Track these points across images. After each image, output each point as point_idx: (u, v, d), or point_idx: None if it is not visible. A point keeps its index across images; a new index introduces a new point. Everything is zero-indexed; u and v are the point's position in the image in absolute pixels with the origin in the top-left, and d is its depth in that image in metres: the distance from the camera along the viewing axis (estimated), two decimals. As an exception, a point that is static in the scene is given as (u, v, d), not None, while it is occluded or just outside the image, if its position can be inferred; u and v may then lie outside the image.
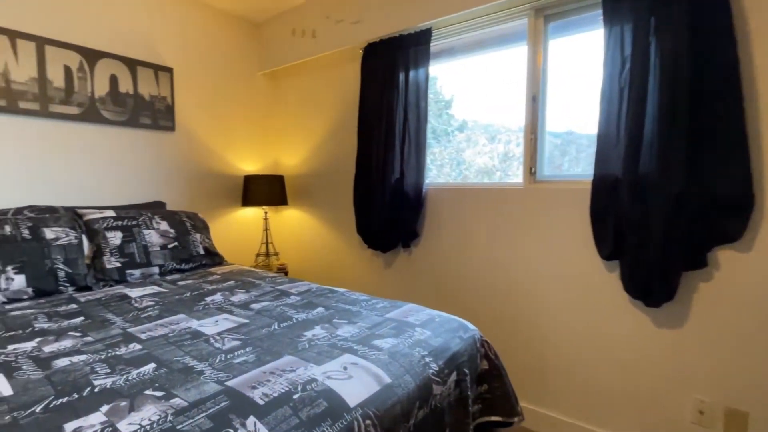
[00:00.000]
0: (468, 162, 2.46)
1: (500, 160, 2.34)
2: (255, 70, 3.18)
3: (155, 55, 2.58)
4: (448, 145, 2.55)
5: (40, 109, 2.12)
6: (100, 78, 2.33)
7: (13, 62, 2.03)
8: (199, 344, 1.23)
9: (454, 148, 2.53)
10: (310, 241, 3.15)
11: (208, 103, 2.88)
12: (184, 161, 2.76)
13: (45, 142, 2.16)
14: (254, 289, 1.88)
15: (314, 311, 1.55)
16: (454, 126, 2.52)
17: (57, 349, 1.20)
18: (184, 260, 2.28)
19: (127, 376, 1.01)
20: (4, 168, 2.03)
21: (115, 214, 2.16)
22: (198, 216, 2.55)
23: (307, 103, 3.09)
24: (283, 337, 1.28)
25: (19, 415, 0.83)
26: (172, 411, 0.84)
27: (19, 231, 1.81)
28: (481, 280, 2.22)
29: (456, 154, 2.52)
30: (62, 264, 1.85)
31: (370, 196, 2.56)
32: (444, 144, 2.56)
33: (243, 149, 3.12)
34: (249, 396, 0.90)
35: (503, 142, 2.33)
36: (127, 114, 2.45)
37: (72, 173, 2.26)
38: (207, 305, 1.64)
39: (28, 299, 1.73)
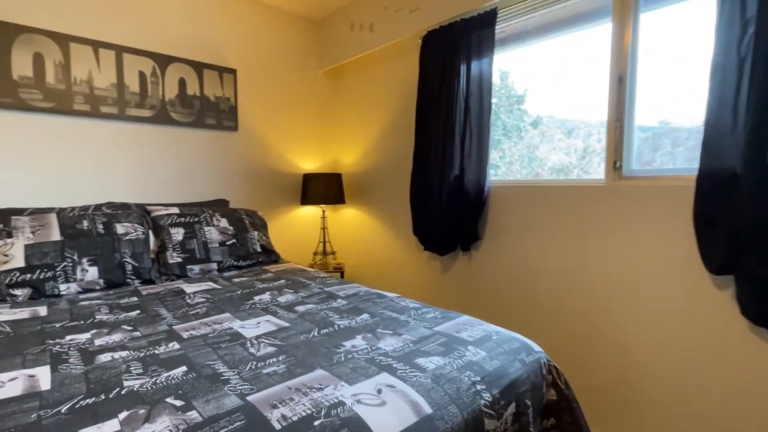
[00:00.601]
0: (541, 159, 2.18)
1: (579, 156, 2.04)
2: (316, 68, 3.17)
3: (220, 57, 2.67)
4: (519, 141, 2.29)
5: (118, 112, 2.28)
6: (170, 81, 2.45)
7: (96, 70, 2.20)
8: (234, 348, 1.18)
9: (525, 144, 2.26)
10: (366, 241, 3.06)
11: (270, 102, 2.93)
12: (246, 160, 2.83)
13: (122, 144, 2.32)
14: (303, 290, 1.82)
15: (358, 318, 1.44)
16: (527, 122, 2.25)
17: (106, 342, 1.22)
18: (242, 257, 2.31)
19: (156, 378, 0.98)
20: (87, 168, 2.21)
21: (179, 211, 2.25)
22: (257, 214, 2.58)
23: (366, 99, 3.01)
24: (319, 347, 1.18)
25: (45, 414, 0.82)
26: (184, 427, 0.77)
27: (94, 226, 1.94)
28: (551, 292, 1.95)
29: (528, 151, 2.25)
30: (130, 258, 1.95)
31: (427, 194, 2.40)
32: (515, 140, 2.31)
33: (303, 148, 3.13)
34: (266, 417, 0.80)
35: (581, 137, 2.03)
36: (194, 115, 2.56)
37: (145, 172, 2.40)
38: (254, 305, 1.61)
39: (99, 290, 1.85)
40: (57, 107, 2.10)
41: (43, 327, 1.33)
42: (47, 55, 2.06)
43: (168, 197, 2.49)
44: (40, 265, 1.73)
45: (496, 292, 2.19)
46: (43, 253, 1.76)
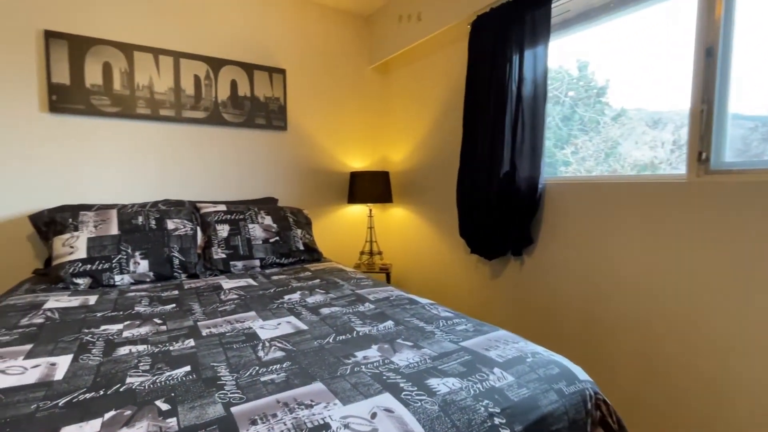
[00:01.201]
0: (621, 154, 1.89)
1: (668, 150, 1.72)
2: (365, 64, 3.12)
3: (270, 58, 2.72)
4: (595, 135, 2.01)
5: (175, 114, 2.42)
6: (223, 84, 2.55)
7: (156, 76, 2.35)
8: (244, 350, 1.13)
9: (603, 138, 1.97)
10: (413, 241, 2.94)
11: (318, 101, 2.93)
12: (294, 159, 2.86)
13: (178, 144, 2.45)
14: (334, 291, 1.76)
15: (381, 325, 1.33)
16: (609, 115, 1.97)
17: (132, 335, 1.25)
18: (284, 254, 2.32)
19: (158, 377, 0.96)
20: (147, 167, 2.37)
21: (226, 208, 2.32)
22: (302, 212, 2.59)
23: (414, 93, 2.89)
24: (329, 355, 1.09)
25: (42, 406, 0.83)
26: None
27: (148, 221, 2.06)
28: (617, 310, 1.67)
29: (606, 146, 1.96)
30: (177, 252, 2.04)
31: (474, 192, 2.21)
32: (591, 134, 2.03)
33: (351, 146, 3.10)
34: (242, 434, 0.73)
35: (670, 130, 1.71)
36: (244, 116, 2.64)
37: (199, 171, 2.52)
38: (282, 304, 1.58)
39: (149, 282, 1.95)
40: (122, 111, 2.27)
41: (86, 316, 1.42)
42: (115, 63, 2.24)
43: (221, 195, 2.60)
44: (99, 257, 1.87)
45: (550, 305, 1.95)
46: (102, 246, 1.90)
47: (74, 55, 2.14)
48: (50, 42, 2.09)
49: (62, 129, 2.15)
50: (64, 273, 1.79)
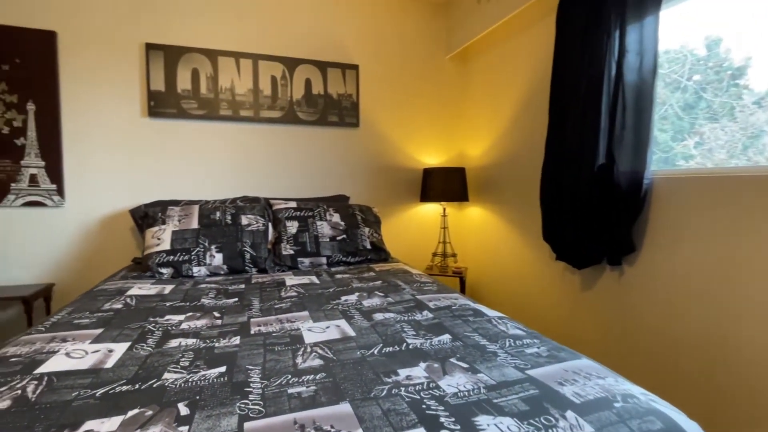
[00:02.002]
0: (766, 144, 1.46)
1: None
2: (442, 54, 2.94)
3: (343, 54, 2.70)
4: (729, 123, 1.60)
5: (254, 115, 2.52)
6: (298, 83, 2.59)
7: (237, 78, 2.48)
8: (284, 354, 1.07)
9: (740, 126, 1.56)
10: (491, 243, 2.69)
11: (392, 96, 2.84)
12: (366, 156, 2.80)
13: (256, 143, 2.55)
14: (393, 294, 1.63)
15: (436, 339, 1.17)
16: (748, 100, 1.55)
17: (188, 327, 1.27)
18: (351, 253, 2.27)
19: (192, 376, 0.94)
20: (228, 165, 2.51)
21: (296, 205, 2.34)
22: (371, 210, 2.52)
23: (494, 81, 2.63)
24: (369, 370, 0.97)
25: (83, 394, 0.85)
26: (162, 446, 0.67)
27: (224, 217, 2.17)
28: (748, 335, 1.28)
29: (743, 134, 1.54)
30: (249, 247, 2.11)
31: (561, 189, 1.91)
32: (723, 123, 1.62)
33: (426, 141, 2.95)
34: (244, 458, 0.64)
35: None
36: (318, 113, 2.65)
37: (274, 168, 2.60)
38: (337, 305, 1.50)
39: (223, 275, 2.04)
40: (208, 114, 2.43)
41: (156, 305, 1.50)
42: (202, 69, 2.40)
43: (295, 192, 2.65)
44: (180, 249, 2.01)
45: (656, 329, 1.58)
46: (183, 239, 2.04)
47: (168, 64, 2.34)
48: (150, 53, 2.31)
49: (158, 131, 2.37)
50: (152, 263, 1.95)
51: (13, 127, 2.15)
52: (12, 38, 2.12)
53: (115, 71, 2.28)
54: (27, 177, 2.18)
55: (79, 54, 2.23)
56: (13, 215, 2.18)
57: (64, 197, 2.24)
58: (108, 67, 2.27)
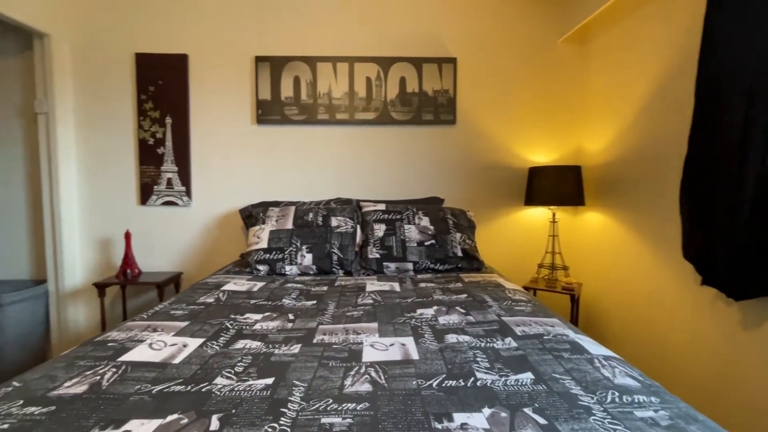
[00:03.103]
0: None
1: None
2: (553, 37, 2.56)
3: (440, 47, 2.55)
4: None
5: (349, 117, 2.54)
6: (392, 82, 2.53)
7: (334, 83, 2.53)
8: (336, 372, 0.99)
9: None
10: (613, 257, 2.24)
11: (494, 88, 2.58)
12: (463, 155, 2.60)
13: (350, 145, 2.58)
14: (476, 312, 1.44)
15: (514, 377, 0.96)
16: None
17: (260, 328, 1.30)
18: (439, 260, 2.12)
19: (239, 385, 0.92)
20: (325, 167, 2.58)
21: (384, 208, 2.28)
22: (465, 214, 2.33)
23: (619, 63, 2.18)
24: (418, 410, 0.82)
25: (143, 389, 0.89)
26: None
27: (316, 218, 2.22)
28: None
29: None
30: (337, 249, 2.12)
31: (713, 192, 1.46)
32: None
33: (534, 136, 2.61)
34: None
35: None
36: (412, 112, 2.55)
37: (367, 170, 2.59)
38: (410, 320, 1.38)
39: (312, 275, 2.09)
40: (307, 119, 2.54)
41: (242, 302, 1.58)
42: (302, 76, 2.52)
43: (387, 194, 2.60)
44: (275, 248, 2.12)
45: None
46: (279, 238, 2.15)
47: (274, 74, 2.51)
48: (258, 65, 2.51)
49: (264, 137, 2.56)
50: (251, 259, 2.09)
51: (156, 138, 2.55)
52: (156, 63, 2.51)
53: (230, 84, 2.53)
54: (165, 180, 2.56)
55: (203, 71, 2.53)
56: (155, 212, 2.58)
57: (191, 198, 2.58)
58: (225, 81, 2.53)
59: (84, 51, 2.51)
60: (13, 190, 2.59)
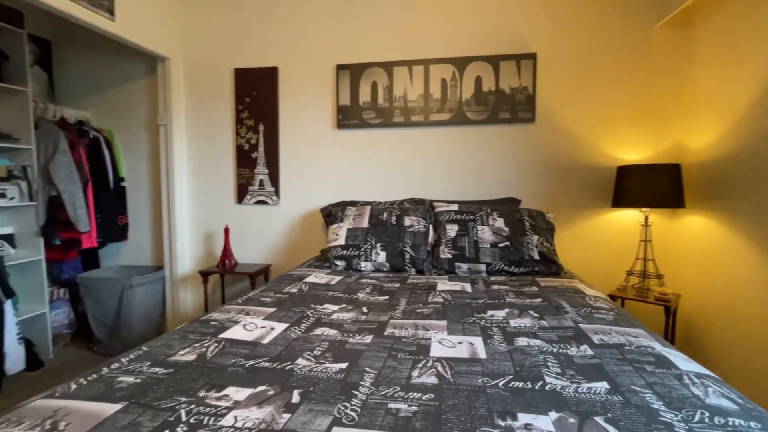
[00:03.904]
0: None
1: None
2: (649, 22, 2.33)
3: (518, 43, 2.47)
4: None
5: (423, 119, 2.59)
6: (467, 82, 2.52)
7: (409, 86, 2.59)
8: (404, 362, 1.05)
9: None
10: (720, 267, 1.98)
11: (578, 82, 2.43)
12: (542, 154, 2.50)
13: (424, 146, 2.62)
14: (550, 317, 1.39)
15: (587, 385, 0.93)
16: None
17: (336, 318, 1.40)
18: (514, 263, 2.07)
19: (316, 366, 1.02)
20: (400, 168, 2.65)
21: (457, 208, 2.28)
22: (543, 216, 2.23)
23: (732, 48, 1.92)
24: (482, 406, 0.84)
25: (237, 363, 1.03)
26: None
27: (390, 217, 2.30)
28: None
29: None
30: (409, 248, 2.18)
31: None
32: None
33: (624, 132, 2.40)
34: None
35: None
36: (488, 111, 2.52)
37: (441, 170, 2.61)
38: (480, 320, 1.39)
39: (385, 272, 2.18)
40: (383, 122, 2.64)
41: (321, 293, 1.71)
42: (379, 81, 2.62)
43: (461, 194, 2.59)
44: (352, 245, 2.24)
45: None
46: (355, 236, 2.27)
47: (353, 81, 2.65)
48: (339, 73, 2.67)
49: (343, 141, 2.71)
50: (330, 255, 2.24)
51: (251, 144, 2.84)
52: (252, 77, 2.80)
53: (314, 92, 2.73)
54: (258, 182, 2.85)
55: (290, 82, 2.77)
56: (249, 210, 2.89)
57: (279, 197, 2.83)
58: (309, 89, 2.74)
59: (194, 70, 2.90)
60: (140, 191, 3.08)
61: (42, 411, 0.79)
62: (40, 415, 0.78)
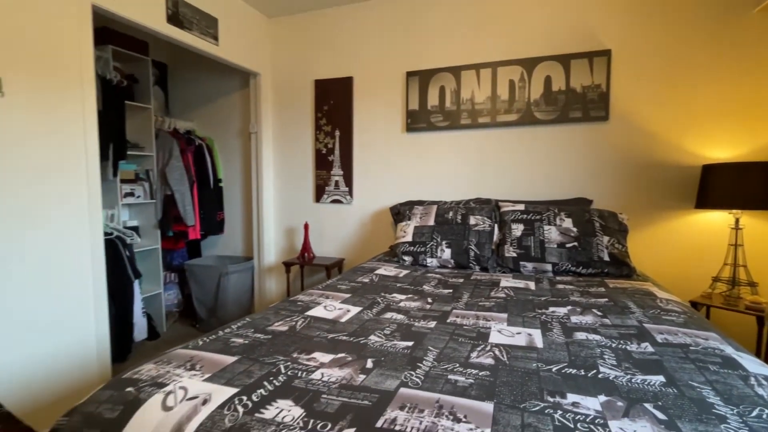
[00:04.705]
0: None
1: None
2: (744, 7, 2.15)
3: (591, 40, 2.42)
4: None
5: (490, 121, 2.64)
6: (536, 82, 2.53)
7: (476, 88, 2.67)
8: (464, 345, 1.16)
9: None
10: (825, 276, 1.78)
11: (658, 77, 2.32)
12: (616, 153, 2.42)
13: (491, 148, 2.67)
14: (614, 316, 1.41)
15: (641, 377, 0.97)
16: None
17: (404, 306, 1.55)
18: (582, 263, 2.06)
19: (389, 343, 1.17)
20: (466, 170, 2.74)
21: (523, 208, 2.31)
22: (615, 216, 2.18)
23: None
24: (534, 384, 0.93)
25: (320, 336, 1.22)
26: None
27: (455, 216, 2.40)
28: None
29: None
30: (474, 246, 2.26)
31: None
32: None
33: (710, 128, 2.24)
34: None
35: None
36: (557, 111, 2.50)
37: (507, 171, 2.64)
38: (540, 315, 1.45)
39: (450, 268, 2.28)
40: (450, 124, 2.74)
41: (390, 284, 1.87)
42: (447, 85, 2.73)
43: (527, 195, 2.60)
44: (418, 241, 2.38)
45: None
46: (422, 233, 2.41)
47: (422, 86, 2.79)
48: (408, 79, 2.82)
49: (411, 143, 2.86)
50: (398, 250, 2.41)
51: (328, 148, 3.11)
52: (330, 87, 3.07)
53: (384, 98, 2.92)
54: (333, 183, 3.11)
55: (364, 89, 2.98)
56: (326, 209, 3.16)
57: (352, 197, 3.07)
58: (381, 95, 2.93)
59: (280, 83, 3.25)
60: (233, 191, 3.52)
61: (182, 357, 1.05)
62: (182, 359, 1.03)
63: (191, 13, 2.50)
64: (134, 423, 0.81)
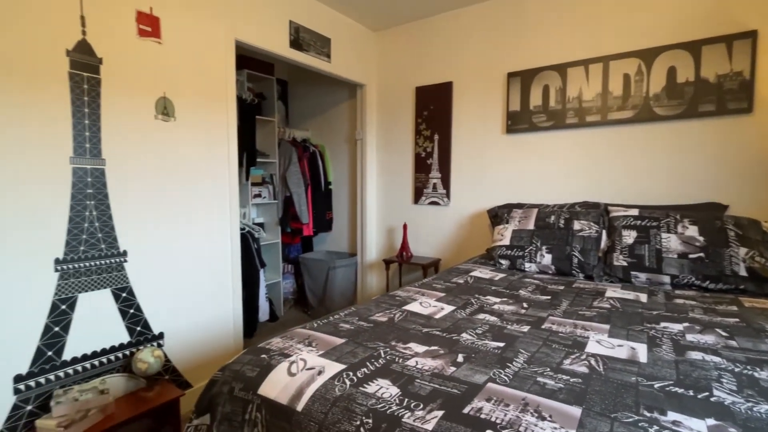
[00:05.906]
0: None
1: None
2: None
3: (729, 22, 2.10)
4: None
5: (600, 119, 2.47)
6: (657, 75, 2.29)
7: (585, 85, 2.52)
8: (557, 352, 1.17)
9: None
10: None
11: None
12: (762, 150, 2.06)
13: (600, 148, 2.49)
14: (743, 338, 1.25)
15: (764, 408, 0.88)
16: None
17: (498, 308, 1.59)
18: (710, 277, 1.83)
19: (481, 341, 1.24)
20: (571, 171, 2.60)
21: (637, 213, 2.12)
22: (758, 225, 1.88)
23: None
24: (629, 397, 0.91)
25: (416, 330, 1.34)
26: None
27: (558, 221, 2.31)
28: None
29: None
30: (578, 252, 2.16)
31: None
32: None
33: None
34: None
35: None
36: (683, 105, 2.23)
37: (619, 173, 2.44)
38: (649, 329, 1.36)
39: (550, 274, 2.21)
40: (555, 124, 2.63)
41: (485, 286, 1.91)
42: (551, 84, 2.62)
43: (643, 198, 2.37)
44: (517, 245, 2.35)
45: None
46: (520, 237, 2.37)
47: (524, 87, 2.73)
48: (510, 80, 2.78)
49: (511, 145, 2.82)
50: (495, 254, 2.41)
51: (426, 152, 3.23)
52: (430, 92, 3.18)
53: (485, 101, 2.92)
54: (431, 185, 3.22)
55: (463, 93, 3.02)
56: (424, 210, 3.29)
57: (449, 199, 3.13)
58: (480, 98, 2.94)
59: (383, 92, 3.46)
60: (340, 193, 3.85)
61: (301, 335, 1.26)
62: (301, 337, 1.24)
63: (309, 36, 2.84)
64: (268, 382, 1.02)
